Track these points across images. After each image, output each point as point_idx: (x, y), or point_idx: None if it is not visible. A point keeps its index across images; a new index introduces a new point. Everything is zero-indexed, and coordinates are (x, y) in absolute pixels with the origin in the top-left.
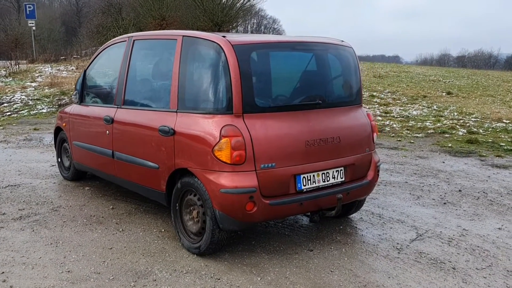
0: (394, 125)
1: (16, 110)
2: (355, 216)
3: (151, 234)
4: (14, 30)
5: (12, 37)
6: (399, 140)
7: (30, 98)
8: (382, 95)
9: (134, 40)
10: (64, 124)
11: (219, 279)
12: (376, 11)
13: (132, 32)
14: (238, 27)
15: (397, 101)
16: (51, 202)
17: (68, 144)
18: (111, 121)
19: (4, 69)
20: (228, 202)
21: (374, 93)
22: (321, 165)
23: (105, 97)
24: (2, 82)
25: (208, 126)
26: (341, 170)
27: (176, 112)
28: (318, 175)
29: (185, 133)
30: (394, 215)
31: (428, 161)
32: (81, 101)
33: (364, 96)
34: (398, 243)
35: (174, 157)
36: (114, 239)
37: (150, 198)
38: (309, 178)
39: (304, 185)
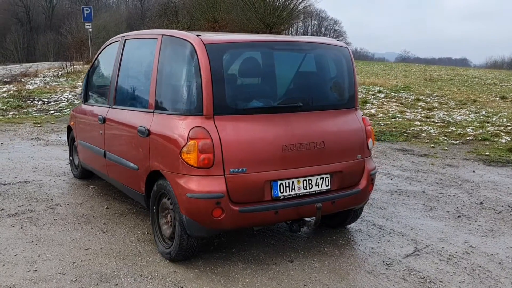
0: (432, 131)
1: (60, 109)
2: (353, 226)
3: (133, 236)
4: (80, 32)
5: (77, 39)
6: (432, 147)
7: (76, 97)
8: (429, 99)
9: (125, 40)
10: (72, 123)
11: (182, 287)
12: (443, 12)
13: None
14: (293, 29)
15: (443, 106)
16: (51, 199)
17: (75, 143)
18: (103, 120)
19: (60, 69)
20: (194, 208)
21: (421, 97)
22: (301, 171)
23: (102, 97)
24: (55, 82)
25: (178, 128)
26: (326, 177)
27: (153, 112)
28: (298, 182)
29: (158, 134)
30: (397, 227)
31: (456, 170)
32: (85, 100)
33: (410, 99)
34: (389, 258)
35: (149, 158)
36: (95, 239)
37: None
38: (287, 185)
39: (282, 192)
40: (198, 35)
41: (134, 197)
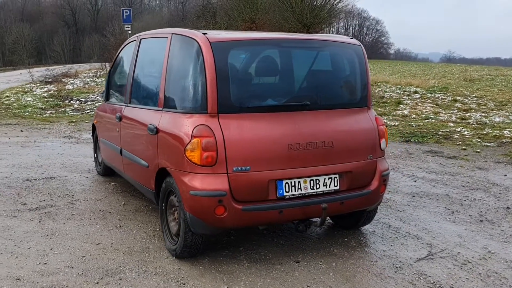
0: (465, 133)
1: (96, 108)
2: (367, 228)
3: (144, 232)
4: (122, 34)
5: (119, 41)
6: (464, 149)
7: (100, 96)
8: (467, 100)
9: (141, 39)
10: (95, 121)
11: (184, 284)
12: (493, 10)
13: None
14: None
15: (481, 107)
16: (72, 195)
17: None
18: (120, 119)
19: (100, 70)
20: (197, 205)
21: (458, 98)
22: (308, 171)
23: (121, 95)
24: (94, 82)
25: (183, 126)
26: (335, 177)
27: (162, 110)
28: (305, 181)
29: (165, 132)
30: (414, 230)
31: (486, 173)
32: (107, 99)
33: (446, 100)
34: (400, 261)
35: (158, 156)
36: (107, 235)
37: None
38: (293, 185)
39: (287, 192)
40: (204, 33)
41: (146, 194)
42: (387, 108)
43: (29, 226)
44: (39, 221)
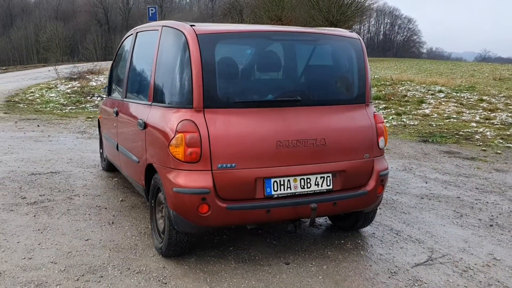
0: (488, 133)
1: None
2: (367, 230)
3: (136, 230)
4: None
5: None
6: (484, 150)
7: (102, 91)
8: (494, 100)
9: (137, 33)
10: (100, 116)
11: (165, 284)
12: None
13: None
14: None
15: (508, 107)
16: (72, 190)
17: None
18: (116, 113)
19: None
20: (181, 203)
21: (485, 97)
22: (298, 169)
23: (120, 90)
24: None
25: (169, 120)
26: (328, 176)
27: (151, 105)
28: (295, 180)
29: (152, 127)
30: (416, 233)
31: (504, 175)
32: (109, 94)
33: (472, 99)
34: (396, 266)
35: (146, 151)
36: (98, 231)
37: None
38: (282, 183)
39: (275, 191)
40: (192, 25)
41: (138, 190)
42: (408, 107)
43: (23, 220)
44: (34, 216)
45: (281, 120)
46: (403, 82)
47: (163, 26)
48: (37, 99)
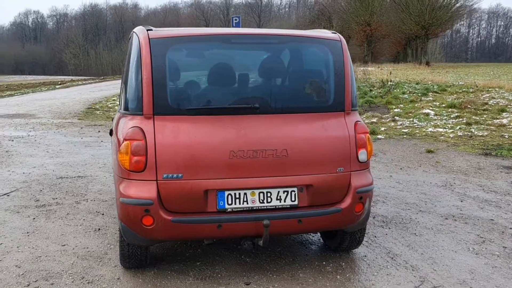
0: None
1: None
2: (359, 251)
3: (116, 238)
4: None
5: None
6: None
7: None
8: None
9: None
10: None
11: None
12: None
13: None
14: (475, 31)
15: None
16: (85, 194)
17: None
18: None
19: None
20: (125, 214)
21: None
22: (257, 181)
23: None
24: None
25: (122, 128)
26: (293, 191)
27: (119, 112)
28: (253, 193)
29: (114, 135)
30: (416, 259)
31: None
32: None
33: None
34: None
35: (114, 161)
36: (80, 237)
37: None
38: (237, 196)
39: (230, 204)
40: (149, 29)
41: None
42: (484, 116)
43: (20, 222)
44: (33, 218)
45: (236, 129)
46: (490, 89)
47: (133, 31)
48: (116, 107)
